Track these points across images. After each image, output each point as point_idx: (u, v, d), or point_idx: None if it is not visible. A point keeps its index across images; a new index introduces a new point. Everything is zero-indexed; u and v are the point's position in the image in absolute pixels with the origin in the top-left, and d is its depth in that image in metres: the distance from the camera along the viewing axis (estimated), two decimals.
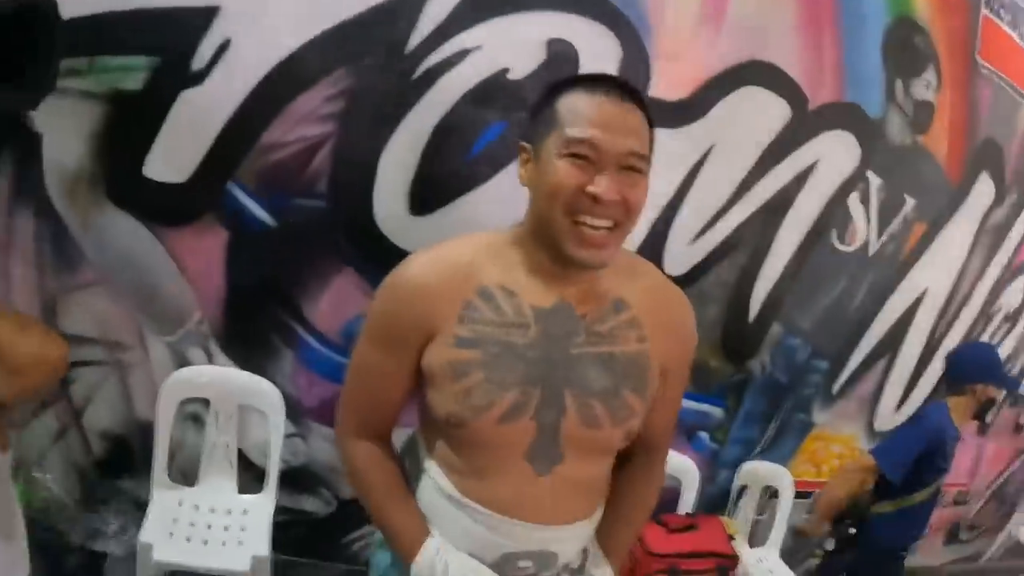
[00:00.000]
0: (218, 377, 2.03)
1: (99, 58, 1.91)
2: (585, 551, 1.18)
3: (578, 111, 0.96)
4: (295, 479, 2.14)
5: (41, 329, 1.26)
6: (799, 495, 2.79)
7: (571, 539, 1.14)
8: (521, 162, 1.04)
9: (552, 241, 1.00)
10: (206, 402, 2.07)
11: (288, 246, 1.96)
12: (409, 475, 1.17)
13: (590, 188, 0.96)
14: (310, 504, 2.29)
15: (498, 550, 1.09)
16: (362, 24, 1.89)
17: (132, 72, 1.91)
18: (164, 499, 2.07)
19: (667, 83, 2.28)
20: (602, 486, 1.19)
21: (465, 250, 1.08)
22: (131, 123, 1.97)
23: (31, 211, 2.14)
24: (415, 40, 2.00)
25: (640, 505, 1.26)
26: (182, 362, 2.14)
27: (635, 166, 0.99)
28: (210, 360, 2.11)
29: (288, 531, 2.08)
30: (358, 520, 2.29)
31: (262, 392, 2.00)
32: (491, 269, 1.06)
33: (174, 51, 1.89)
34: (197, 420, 2.17)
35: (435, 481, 1.12)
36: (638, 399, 1.10)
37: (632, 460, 1.22)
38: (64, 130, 2.03)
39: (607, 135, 0.96)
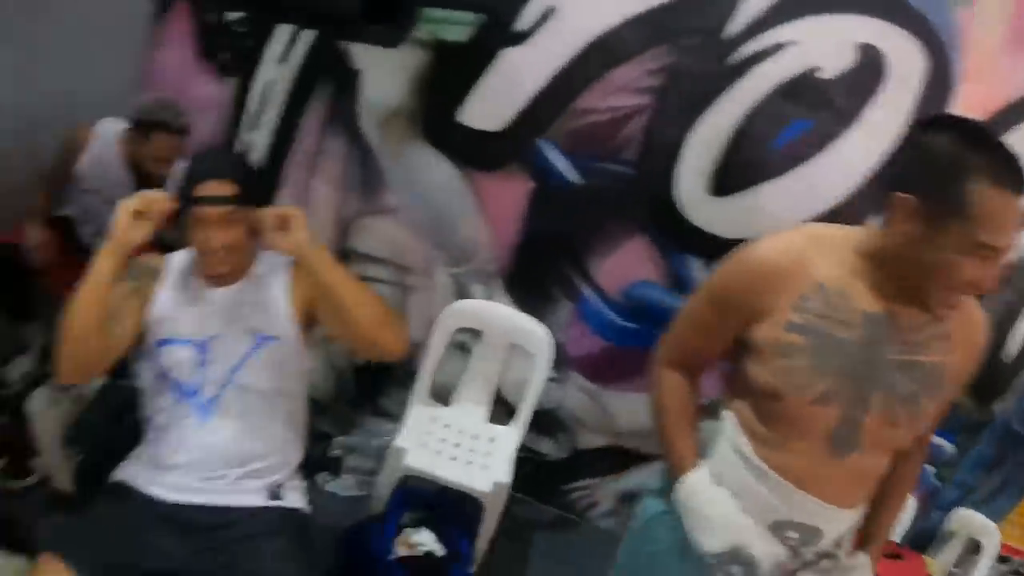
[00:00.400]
0: (496, 313, 2.25)
1: (428, 9, 2.17)
2: (841, 538, 1.29)
3: (995, 216, 1.00)
4: (540, 421, 2.33)
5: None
6: (1001, 558, 2.74)
7: (841, 522, 1.26)
8: (902, 211, 1.09)
9: (917, 292, 1.12)
10: (476, 333, 2.29)
11: (587, 205, 2.14)
12: (708, 430, 1.32)
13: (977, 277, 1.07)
14: (546, 446, 2.50)
15: (772, 515, 1.22)
16: (684, 6, 2.02)
17: (458, 25, 2.16)
18: (421, 413, 2.33)
19: (967, 103, 2.29)
20: (878, 480, 1.30)
21: (806, 243, 1.20)
22: (452, 72, 2.23)
23: (342, 137, 2.47)
24: (733, 28, 2.12)
25: (900, 496, 1.39)
26: (462, 294, 2.40)
27: None
28: (489, 297, 2.35)
29: (518, 467, 2.25)
30: (587, 471, 2.49)
31: (534, 334, 2.18)
32: (827, 266, 1.18)
33: (501, 12, 2.12)
34: (463, 348, 2.42)
35: (733, 440, 1.26)
36: (933, 407, 1.21)
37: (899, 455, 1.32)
38: (385, 70, 2.34)
39: (1011, 237, 1.05)
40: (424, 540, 2.13)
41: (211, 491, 1.58)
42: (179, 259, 1.67)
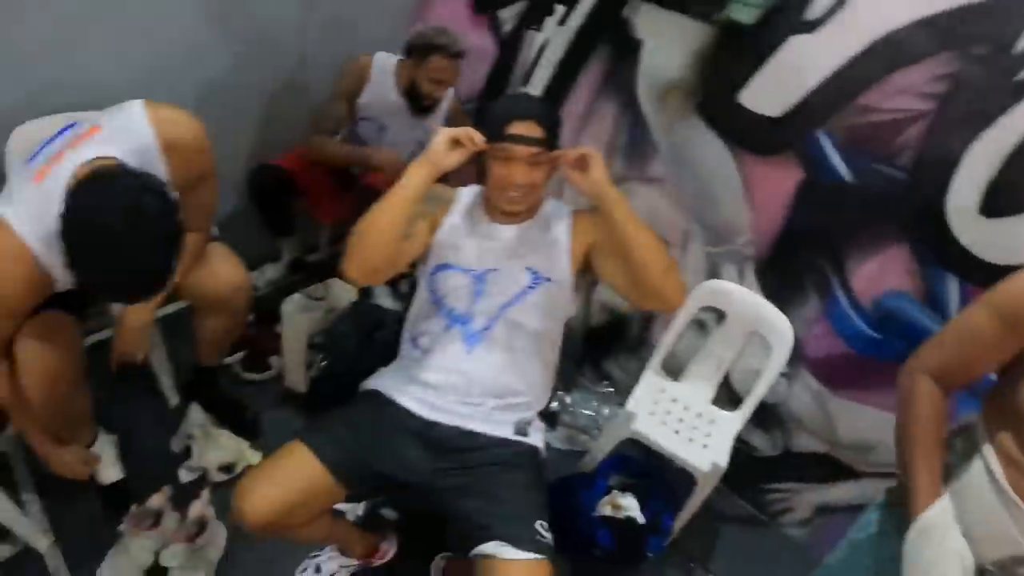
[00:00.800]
0: (744, 298, 2.27)
1: None
2: None
3: None
4: (759, 414, 2.37)
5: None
6: None
7: None
8: None
9: None
10: (720, 314, 2.35)
11: (854, 204, 2.12)
12: (960, 452, 1.32)
13: None
14: (759, 440, 2.56)
15: (1011, 548, 1.20)
16: (976, 14, 1.93)
17: (748, 7, 2.18)
18: (652, 382, 2.44)
19: None
20: None
21: None
22: (737, 52, 2.27)
23: (615, 103, 2.57)
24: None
25: None
26: (714, 273, 2.47)
27: None
28: (740, 280, 2.40)
29: None
30: (792, 475, 2.52)
31: (777, 326, 2.20)
32: None
33: None
34: (702, 327, 2.51)
35: (988, 467, 1.25)
36: None
37: None
38: (667, 42, 2.41)
39: None
40: (629, 505, 2.24)
41: (465, 416, 1.73)
42: (470, 192, 1.84)
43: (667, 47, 2.41)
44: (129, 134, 1.49)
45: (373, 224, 1.60)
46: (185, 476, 2.27)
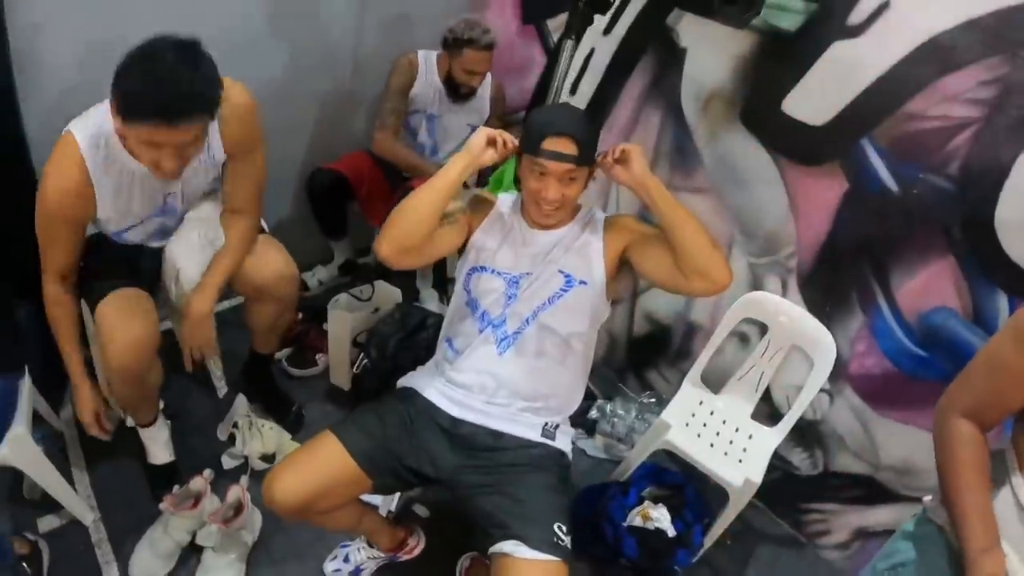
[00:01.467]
0: (787, 311, 2.29)
1: None
2: None
3: None
4: (799, 430, 2.38)
5: None
6: None
7: None
8: None
9: None
10: (762, 328, 2.38)
11: (902, 215, 2.11)
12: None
13: None
14: (798, 458, 2.55)
15: None
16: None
17: (790, 13, 2.21)
18: (690, 393, 2.48)
19: None
20: None
21: None
22: (779, 60, 2.30)
23: (660, 112, 2.63)
24: None
25: None
26: (756, 285, 2.50)
27: None
28: (783, 293, 2.41)
29: (765, 471, 2.27)
30: (831, 496, 2.50)
31: (820, 341, 2.21)
32: None
33: (834, 2, 2.14)
34: (743, 339, 2.54)
35: (1017, 497, 1.24)
36: None
37: None
38: (710, 51, 2.45)
39: None
40: (660, 517, 2.29)
41: (492, 415, 1.83)
42: (509, 198, 1.95)
43: (710, 55, 2.46)
44: None
45: (410, 206, 1.74)
46: (227, 463, 2.46)
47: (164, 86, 1.43)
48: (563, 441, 1.89)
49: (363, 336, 2.64)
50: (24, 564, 1.91)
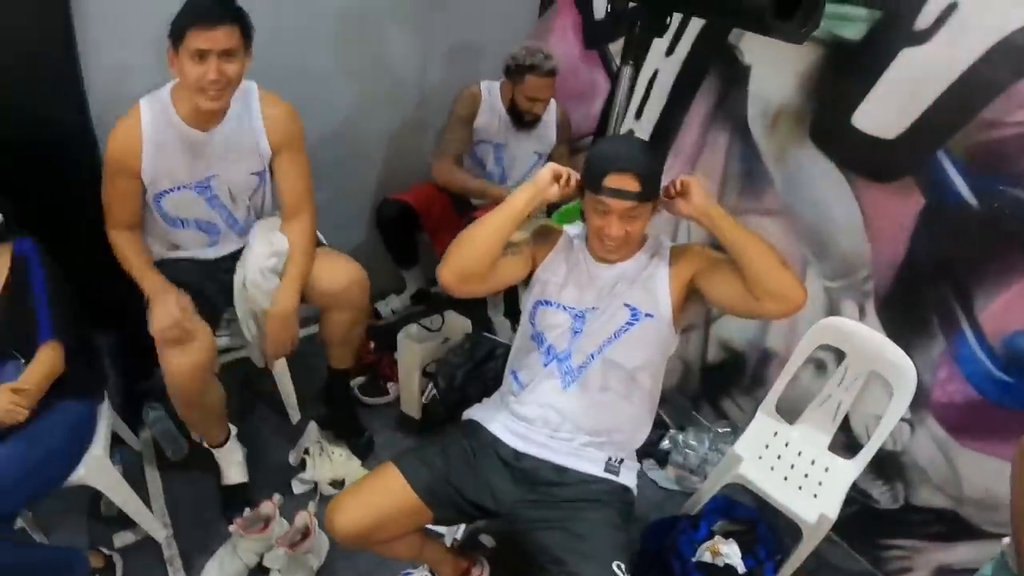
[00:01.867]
0: (865, 337, 2.21)
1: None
2: None
3: None
4: (878, 462, 2.28)
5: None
6: None
7: None
8: None
9: None
10: (839, 354, 2.30)
11: (982, 231, 2.01)
12: None
13: None
14: (877, 491, 2.44)
15: None
16: None
17: (853, 22, 2.16)
18: (764, 424, 2.42)
19: None
20: None
21: None
22: (846, 71, 2.24)
23: (727, 133, 2.60)
24: None
25: None
26: (832, 310, 2.42)
27: None
28: (861, 317, 2.33)
29: (843, 505, 2.20)
30: (913, 531, 2.37)
31: (900, 368, 2.12)
32: None
33: (898, 7, 2.08)
34: (819, 367, 2.47)
35: None
36: None
37: None
38: (774, 67, 2.42)
39: None
40: (729, 553, 2.24)
41: (556, 449, 1.84)
42: (575, 230, 1.97)
43: (774, 71, 2.42)
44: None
45: (473, 234, 1.79)
46: (297, 487, 2.57)
47: (203, 1, 1.81)
48: (627, 476, 1.88)
49: (432, 366, 2.71)
50: None
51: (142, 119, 1.97)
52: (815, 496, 2.21)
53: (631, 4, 2.03)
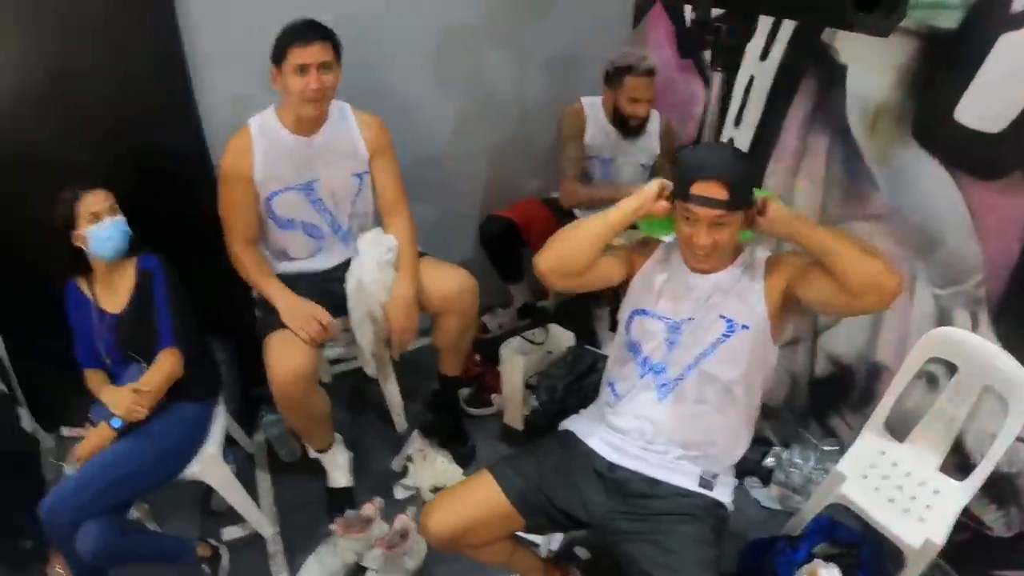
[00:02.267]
0: (978, 349, 2.06)
1: None
2: None
3: None
4: (993, 484, 2.12)
5: None
6: None
7: None
8: None
9: None
10: (950, 367, 2.16)
11: None
12: None
13: None
14: (991, 517, 2.25)
15: None
16: None
17: (948, 10, 2.04)
18: (871, 443, 2.31)
19: None
20: None
21: None
22: (944, 63, 2.12)
23: (827, 136, 2.52)
24: None
25: None
26: (943, 320, 2.28)
27: None
28: (974, 328, 2.18)
29: (953, 530, 2.07)
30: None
31: (1015, 381, 1.97)
32: None
33: None
34: (931, 381, 2.33)
35: None
36: None
37: None
38: (871, 63, 2.32)
39: None
40: None
41: (649, 462, 1.87)
42: (674, 240, 1.97)
43: (871, 68, 2.32)
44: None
45: (576, 233, 1.86)
46: (400, 492, 2.71)
47: (298, 23, 2.13)
48: (722, 491, 1.87)
49: (535, 379, 2.78)
50: (204, 566, 2.28)
51: (252, 131, 2.26)
52: (921, 520, 2.09)
53: (713, 11, 2.03)
